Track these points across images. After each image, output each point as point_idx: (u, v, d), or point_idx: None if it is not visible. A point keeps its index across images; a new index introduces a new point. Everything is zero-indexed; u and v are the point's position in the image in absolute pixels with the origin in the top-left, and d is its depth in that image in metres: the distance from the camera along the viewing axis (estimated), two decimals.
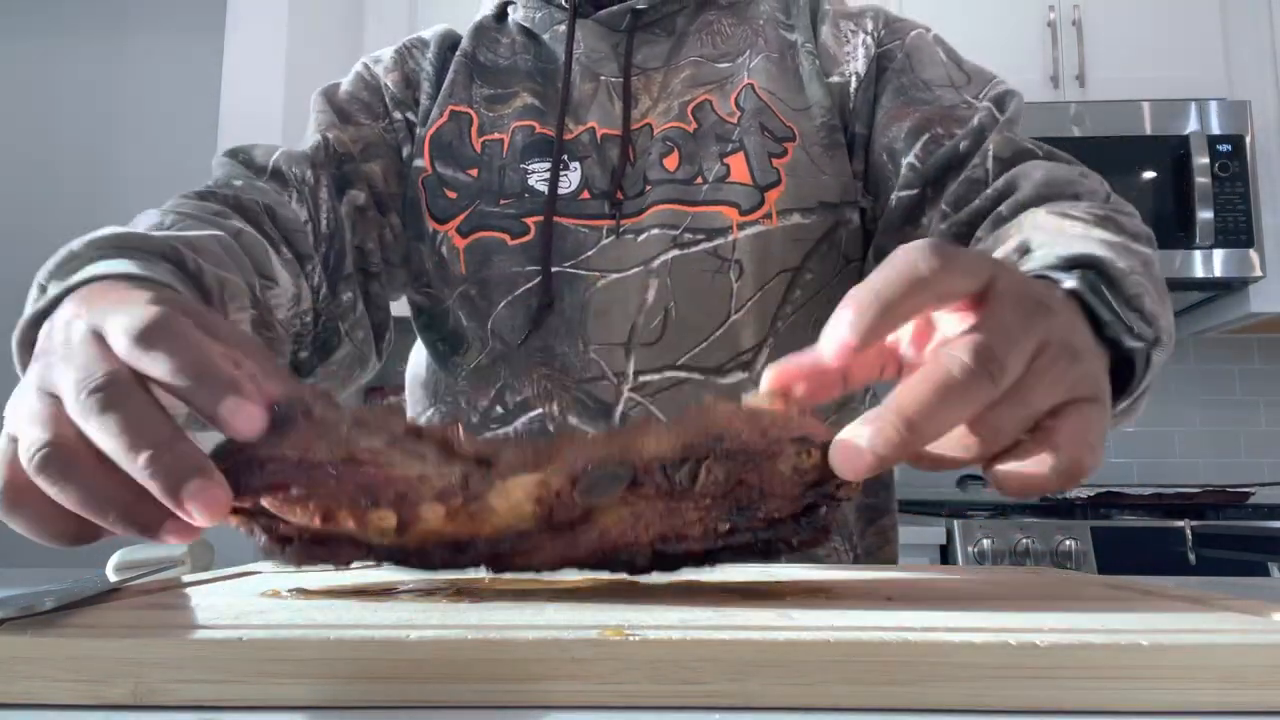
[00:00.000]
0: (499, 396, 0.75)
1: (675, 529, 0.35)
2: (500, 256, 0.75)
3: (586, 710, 0.25)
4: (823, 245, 0.75)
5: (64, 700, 0.26)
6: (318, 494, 0.34)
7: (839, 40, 0.79)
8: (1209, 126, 2.23)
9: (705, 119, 0.76)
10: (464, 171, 0.77)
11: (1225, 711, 0.25)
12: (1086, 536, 1.88)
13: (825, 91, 0.77)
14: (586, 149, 0.77)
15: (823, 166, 0.75)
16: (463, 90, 0.81)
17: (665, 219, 0.73)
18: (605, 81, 0.80)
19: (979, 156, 0.70)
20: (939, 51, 0.78)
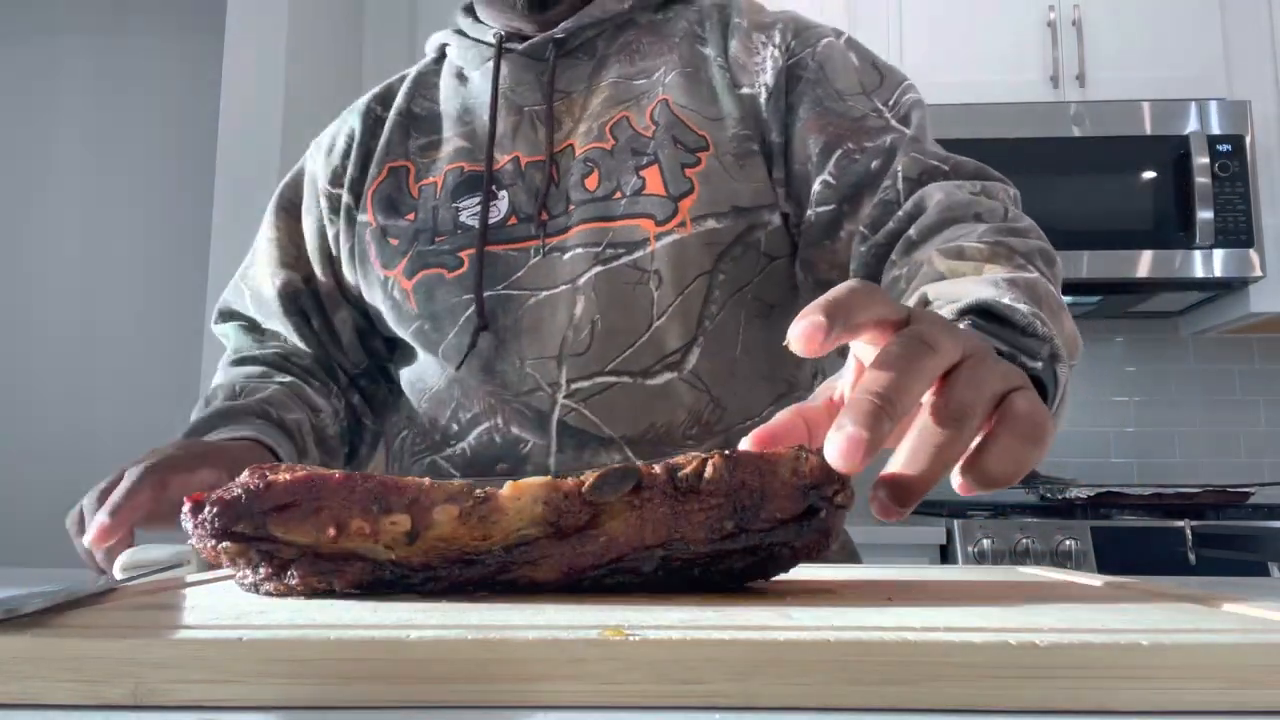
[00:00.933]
0: (454, 415, 0.82)
1: (681, 532, 0.35)
2: (441, 290, 0.81)
3: (586, 710, 0.25)
4: (736, 247, 0.79)
5: (64, 700, 0.26)
6: (330, 506, 0.34)
7: (749, 52, 0.82)
8: (1209, 126, 2.23)
9: (622, 135, 0.80)
10: (403, 218, 0.85)
11: (1225, 711, 0.25)
12: (1086, 536, 1.88)
13: (736, 103, 0.80)
14: (512, 178, 0.82)
15: (734, 174, 0.78)
16: (399, 146, 0.88)
17: (588, 238, 0.78)
18: (529, 111, 0.84)
19: (889, 178, 0.74)
20: (851, 57, 0.81)
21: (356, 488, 0.35)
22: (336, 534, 0.34)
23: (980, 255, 0.59)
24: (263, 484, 0.35)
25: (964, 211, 0.67)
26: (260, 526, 0.34)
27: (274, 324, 0.91)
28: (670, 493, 0.35)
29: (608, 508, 0.35)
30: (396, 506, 0.34)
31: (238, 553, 0.35)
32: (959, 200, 0.68)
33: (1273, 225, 2.26)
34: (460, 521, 0.34)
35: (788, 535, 0.36)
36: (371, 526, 0.34)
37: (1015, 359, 0.45)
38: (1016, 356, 0.45)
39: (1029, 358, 0.45)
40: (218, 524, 0.35)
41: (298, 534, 0.34)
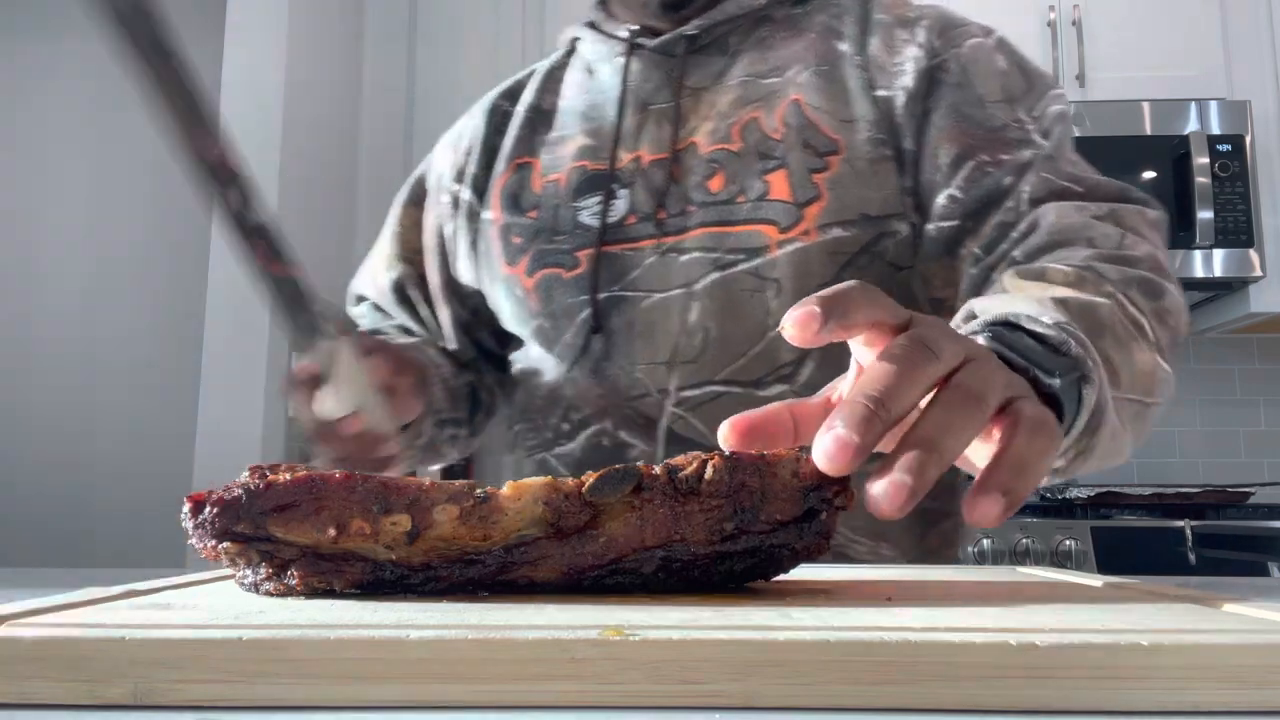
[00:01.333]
0: (565, 415, 0.82)
1: (681, 533, 0.35)
2: (559, 290, 0.81)
3: (586, 710, 0.25)
4: (862, 257, 0.75)
5: (64, 700, 0.25)
6: (330, 506, 0.34)
7: (889, 51, 0.78)
8: (1209, 126, 2.23)
9: (750, 137, 0.77)
10: (525, 215, 0.84)
11: (1225, 711, 0.25)
12: (1086, 536, 1.88)
13: (871, 105, 0.76)
14: (632, 176, 0.80)
15: (867, 180, 0.75)
16: (525, 143, 0.88)
17: (706, 242, 0.76)
18: (655, 109, 0.82)
19: (1014, 198, 0.70)
20: (998, 59, 0.76)
21: (356, 488, 0.35)
22: (337, 534, 0.34)
23: (1060, 278, 0.57)
24: (262, 484, 0.35)
25: (1075, 235, 0.64)
26: (260, 527, 0.35)
27: (391, 310, 0.97)
28: (670, 494, 0.35)
29: (608, 508, 0.35)
30: (397, 506, 0.34)
31: (238, 553, 0.35)
32: (1071, 223, 0.65)
33: (1273, 225, 2.26)
34: (460, 521, 0.34)
35: (788, 537, 0.36)
36: (372, 526, 0.34)
37: (1028, 373, 0.43)
38: (1029, 370, 0.43)
39: (1046, 374, 0.43)
40: (218, 524, 0.35)
41: (298, 534, 0.34)
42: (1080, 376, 0.45)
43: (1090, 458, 0.48)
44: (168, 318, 2.76)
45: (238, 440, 2.01)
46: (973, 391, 0.36)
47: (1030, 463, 0.35)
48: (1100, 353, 0.49)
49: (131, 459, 2.71)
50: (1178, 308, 0.63)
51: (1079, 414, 0.45)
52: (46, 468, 2.74)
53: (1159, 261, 0.63)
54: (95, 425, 2.75)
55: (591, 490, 0.35)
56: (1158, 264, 0.63)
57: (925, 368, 0.35)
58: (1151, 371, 0.54)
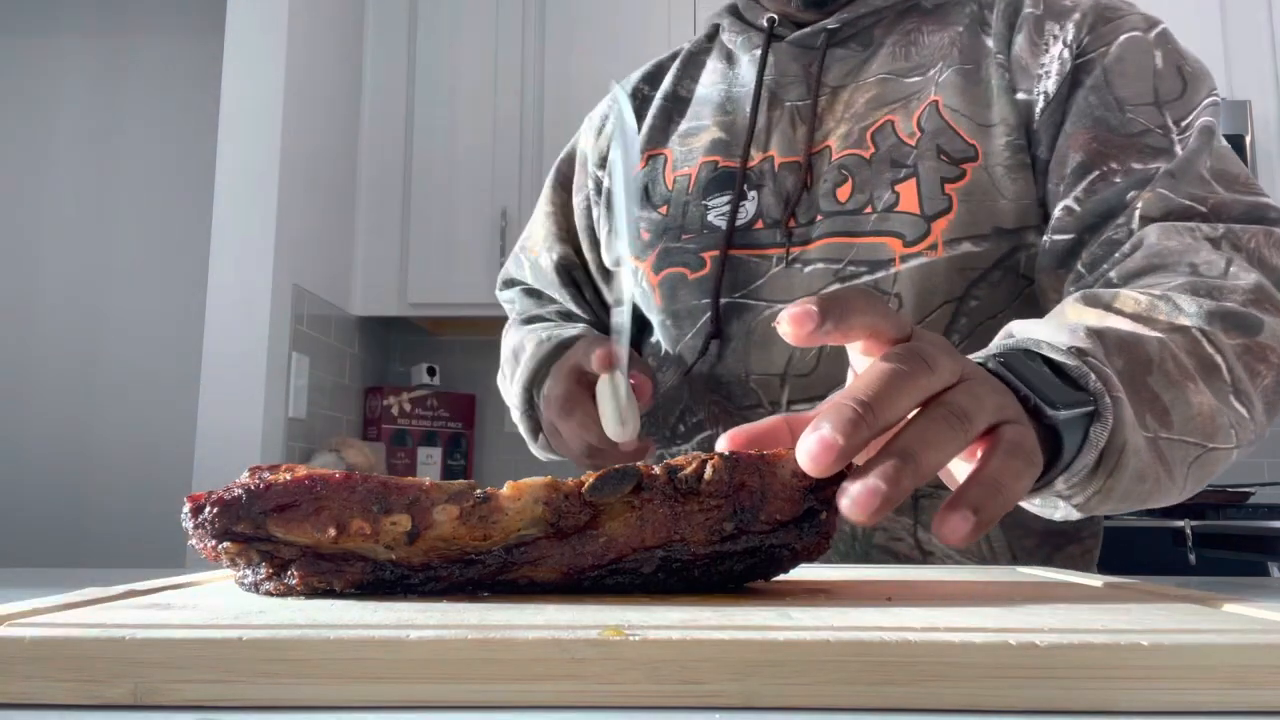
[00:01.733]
0: (681, 417, 0.81)
1: (681, 533, 0.35)
2: (683, 290, 0.80)
3: (586, 710, 0.25)
4: (994, 273, 0.72)
5: (64, 700, 0.25)
6: (330, 506, 0.34)
7: (1035, 50, 0.73)
8: None
9: (884, 143, 0.74)
10: (656, 210, 0.84)
11: (1225, 711, 0.25)
12: None
13: (1012, 109, 0.72)
14: (764, 178, 0.79)
15: (1003, 189, 0.71)
16: (660, 133, 0.87)
17: (830, 253, 0.74)
18: (790, 107, 0.80)
19: (1126, 214, 0.65)
20: (1154, 57, 0.70)
21: (356, 488, 0.35)
22: (337, 534, 0.34)
23: (1131, 306, 0.54)
24: (262, 484, 0.35)
25: (1173, 259, 0.60)
26: (260, 526, 0.34)
27: (552, 293, 0.96)
28: (670, 494, 0.35)
29: (607, 508, 0.35)
30: (397, 506, 0.34)
31: (237, 552, 0.35)
32: (1170, 247, 0.61)
33: None
34: (460, 521, 0.34)
35: (788, 537, 0.36)
36: (372, 526, 0.34)
37: (1028, 402, 0.41)
38: (1029, 400, 0.41)
39: (1048, 405, 0.41)
40: (218, 524, 0.35)
41: (298, 534, 0.34)
42: (1092, 413, 0.43)
43: (1111, 498, 0.46)
44: (168, 318, 2.76)
45: (238, 440, 2.01)
46: (960, 409, 0.35)
47: (1003, 483, 0.35)
48: (1146, 391, 0.48)
49: (131, 459, 2.72)
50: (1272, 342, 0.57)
51: (1082, 450, 0.43)
52: (46, 468, 2.74)
53: (1266, 292, 0.58)
54: (95, 426, 2.75)
55: (591, 490, 0.35)
56: (1263, 295, 0.58)
57: (918, 379, 0.35)
58: (1211, 415, 0.51)
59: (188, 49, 2.84)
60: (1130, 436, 0.44)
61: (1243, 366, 0.55)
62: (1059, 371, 0.44)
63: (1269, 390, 0.57)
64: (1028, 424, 0.38)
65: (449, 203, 2.48)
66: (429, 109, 2.52)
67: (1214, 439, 0.52)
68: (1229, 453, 0.54)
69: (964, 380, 0.37)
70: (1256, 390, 0.55)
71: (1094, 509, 0.47)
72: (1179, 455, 0.50)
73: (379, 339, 2.76)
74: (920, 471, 0.34)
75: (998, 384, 0.39)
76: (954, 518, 0.34)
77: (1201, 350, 0.53)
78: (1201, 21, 2.35)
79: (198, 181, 2.72)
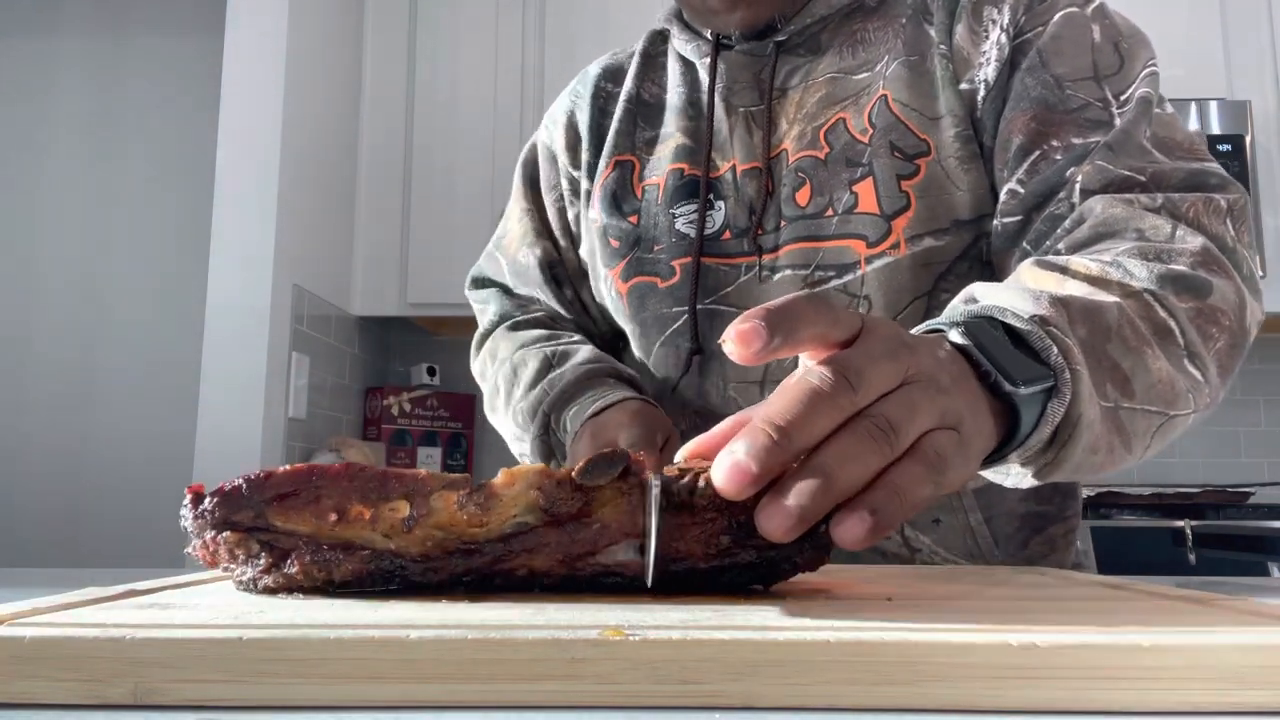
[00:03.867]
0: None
1: (678, 547, 0.35)
2: (653, 299, 0.80)
3: (586, 710, 0.25)
4: (960, 264, 0.72)
5: (64, 700, 0.26)
6: (330, 494, 0.34)
7: (975, 38, 0.73)
8: (1209, 126, 2.23)
9: (837, 142, 0.75)
10: (626, 219, 0.83)
11: (1225, 711, 0.25)
12: (1087, 536, 1.88)
13: (958, 100, 0.72)
14: (728, 186, 0.79)
15: (958, 181, 0.72)
16: (626, 139, 0.86)
17: (797, 259, 0.74)
18: (745, 113, 0.80)
19: (1066, 189, 0.66)
20: (1092, 32, 0.70)
21: (356, 477, 0.35)
22: (337, 520, 0.34)
23: (1082, 272, 0.54)
24: (263, 473, 0.35)
25: (1120, 226, 0.61)
26: (260, 516, 0.35)
27: (534, 291, 0.92)
28: (664, 506, 0.35)
29: (599, 494, 0.35)
30: (395, 494, 0.35)
31: (237, 542, 0.35)
32: (1115, 215, 0.62)
33: (1273, 225, 2.26)
34: (457, 508, 0.35)
35: (788, 551, 0.36)
36: (372, 513, 0.34)
37: (989, 378, 0.41)
38: (990, 376, 0.41)
39: (1009, 382, 0.41)
40: (218, 514, 0.35)
41: (298, 522, 0.34)
42: (1051, 388, 0.43)
43: (1062, 469, 0.46)
44: (168, 318, 2.76)
45: (238, 440, 2.01)
46: (887, 423, 0.35)
47: (904, 489, 0.34)
48: (1106, 359, 0.48)
49: (131, 459, 2.72)
50: (1233, 305, 0.57)
51: (1039, 425, 0.43)
52: (46, 468, 2.74)
53: (1211, 255, 0.58)
54: (95, 426, 2.75)
55: (582, 474, 0.35)
56: (1209, 258, 0.58)
57: (836, 399, 0.34)
58: (1170, 381, 0.51)
59: (188, 49, 2.84)
60: (1085, 410, 0.44)
61: (1195, 330, 0.55)
62: (1021, 340, 0.43)
63: (1221, 353, 0.57)
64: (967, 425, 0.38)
65: (449, 203, 2.48)
66: (429, 109, 2.52)
67: (1174, 405, 0.52)
68: (1187, 419, 0.54)
69: (905, 385, 0.36)
70: (1210, 353, 0.56)
71: (1044, 478, 0.47)
72: (1141, 426, 0.50)
73: (379, 339, 2.76)
74: (838, 490, 0.33)
75: (950, 376, 0.38)
76: (851, 519, 0.33)
77: (1155, 315, 0.53)
78: (1201, 21, 2.35)
79: (198, 181, 2.72)
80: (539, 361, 0.82)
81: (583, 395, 0.77)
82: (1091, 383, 0.45)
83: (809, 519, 0.33)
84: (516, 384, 0.83)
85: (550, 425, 0.79)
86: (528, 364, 0.83)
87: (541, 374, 0.81)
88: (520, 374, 0.83)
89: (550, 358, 0.82)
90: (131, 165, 2.85)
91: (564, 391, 0.78)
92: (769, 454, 0.33)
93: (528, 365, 0.83)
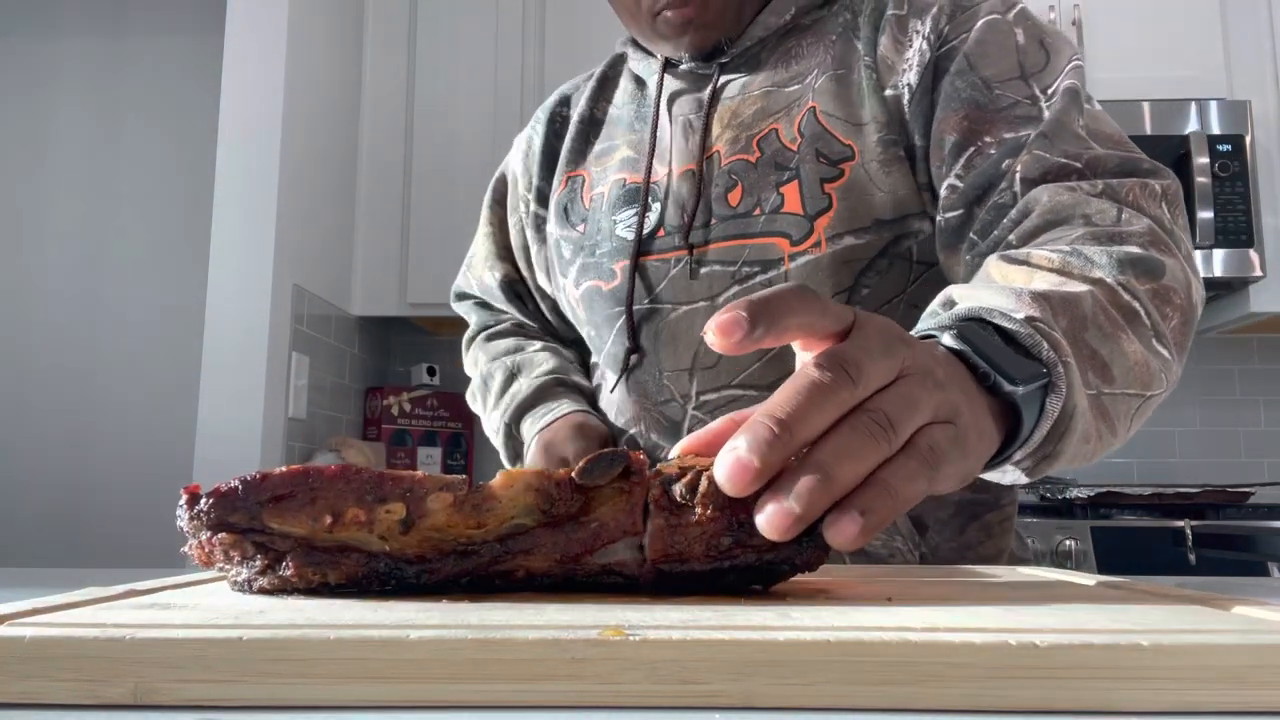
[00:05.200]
0: (615, 417, 0.86)
1: (678, 548, 0.35)
2: (599, 301, 0.84)
3: (586, 710, 0.25)
4: (880, 261, 0.75)
5: (64, 700, 0.26)
6: (325, 496, 0.34)
7: (898, 48, 0.76)
8: (1209, 126, 2.23)
9: (769, 148, 0.78)
10: (575, 229, 0.88)
11: (1225, 711, 0.25)
12: (1086, 536, 1.88)
13: (880, 106, 0.75)
14: (664, 191, 0.83)
15: (880, 184, 0.74)
16: (578, 155, 0.92)
17: (725, 255, 0.78)
18: (684, 120, 0.84)
19: (1006, 179, 0.68)
20: (1016, 34, 0.73)
21: (352, 479, 0.35)
22: (332, 522, 0.34)
23: (1045, 263, 0.55)
24: (259, 475, 0.35)
25: (1067, 213, 0.62)
26: (255, 518, 0.34)
27: (501, 307, 1.02)
28: (665, 505, 0.35)
29: (598, 494, 0.35)
30: (392, 495, 0.34)
31: (232, 544, 0.35)
32: (1062, 203, 0.63)
33: (1273, 225, 2.26)
34: (455, 509, 0.34)
35: (788, 552, 0.36)
36: (367, 515, 0.34)
37: (987, 380, 0.41)
38: (989, 377, 0.41)
39: (1008, 381, 0.41)
40: (213, 515, 0.35)
41: (293, 524, 0.34)
42: (1047, 383, 0.43)
43: (1057, 460, 0.46)
44: (168, 318, 2.76)
45: (238, 440, 2.01)
46: (885, 418, 0.35)
47: (895, 486, 0.34)
48: (1085, 348, 0.48)
49: (131, 459, 2.71)
50: (1182, 283, 0.59)
51: (1039, 422, 0.43)
52: (47, 468, 2.74)
53: (1157, 236, 0.60)
54: (95, 426, 2.75)
55: (582, 474, 0.35)
56: (1156, 238, 0.60)
57: (838, 392, 0.34)
58: (1145, 362, 0.52)
59: (188, 49, 2.84)
60: (1078, 400, 0.45)
61: (1156, 310, 0.56)
62: (1011, 339, 0.44)
63: (1177, 331, 0.58)
64: (957, 423, 0.38)
65: (449, 203, 2.48)
66: (429, 109, 2.52)
67: (1150, 386, 0.53)
68: (1160, 397, 0.56)
69: (901, 378, 0.36)
70: (1169, 332, 0.57)
71: (1041, 472, 0.47)
72: (1122, 409, 0.51)
73: (379, 339, 2.76)
74: (837, 487, 0.33)
75: (945, 373, 0.38)
76: (843, 520, 0.33)
77: (1121, 300, 0.54)
78: (1201, 21, 2.35)
79: (198, 181, 2.72)
80: (503, 375, 0.93)
81: (534, 408, 0.88)
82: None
83: (809, 518, 0.33)
84: (489, 394, 0.94)
85: (513, 434, 0.89)
86: (495, 377, 0.93)
87: (505, 386, 0.92)
88: (490, 385, 0.94)
89: (513, 370, 0.93)
90: (131, 165, 2.85)
91: (520, 406, 0.88)
92: (770, 448, 0.33)
93: (495, 378, 0.93)
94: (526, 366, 0.93)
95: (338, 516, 0.34)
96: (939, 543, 0.77)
